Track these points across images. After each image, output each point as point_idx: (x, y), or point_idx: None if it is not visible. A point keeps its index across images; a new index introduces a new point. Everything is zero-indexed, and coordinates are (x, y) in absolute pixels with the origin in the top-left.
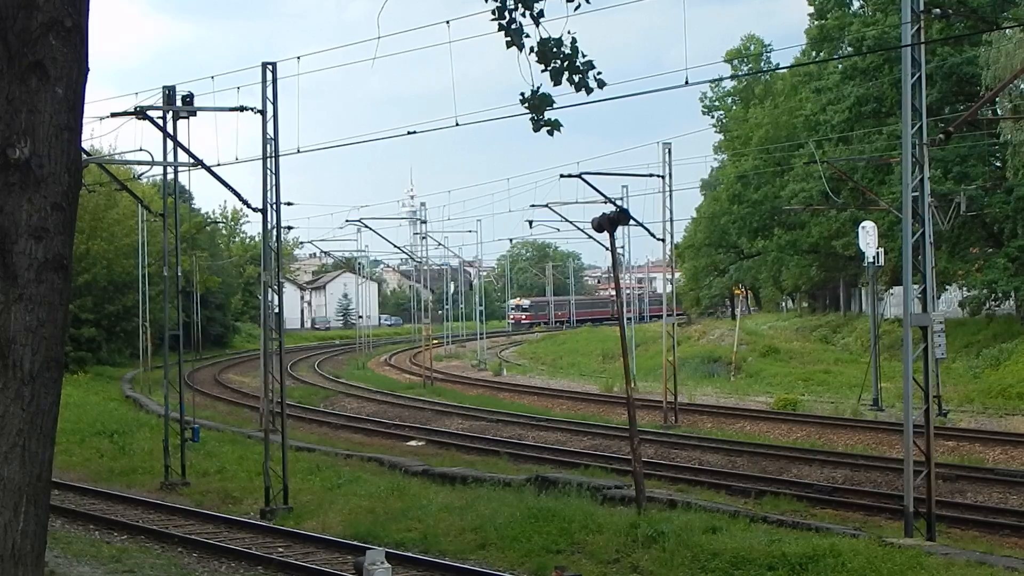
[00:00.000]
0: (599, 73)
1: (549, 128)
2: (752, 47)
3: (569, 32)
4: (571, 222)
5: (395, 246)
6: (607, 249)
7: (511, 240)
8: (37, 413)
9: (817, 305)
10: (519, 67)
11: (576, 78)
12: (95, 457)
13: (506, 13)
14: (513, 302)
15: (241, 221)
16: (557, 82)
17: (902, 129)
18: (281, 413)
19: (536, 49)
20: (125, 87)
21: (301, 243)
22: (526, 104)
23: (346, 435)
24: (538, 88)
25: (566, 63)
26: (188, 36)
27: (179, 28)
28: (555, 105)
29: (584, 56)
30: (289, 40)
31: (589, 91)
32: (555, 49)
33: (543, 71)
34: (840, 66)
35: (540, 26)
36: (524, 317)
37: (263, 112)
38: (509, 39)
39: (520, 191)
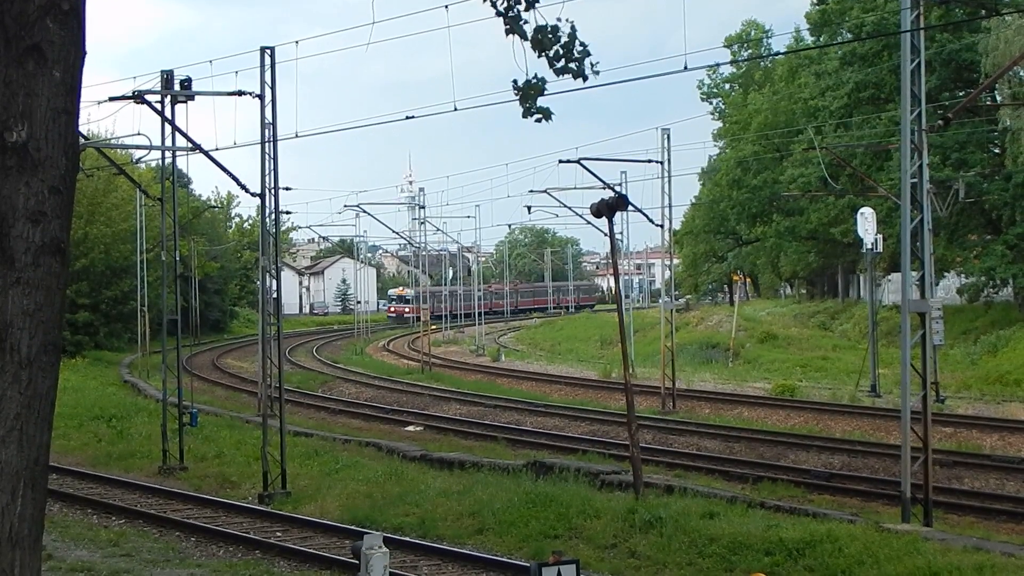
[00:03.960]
0: (596, 63)
1: (539, 116)
2: (752, 32)
3: (568, 20)
4: (570, 208)
5: (393, 231)
6: (606, 235)
7: (510, 226)
8: (35, 397)
9: (815, 291)
10: (514, 54)
11: (573, 66)
12: (93, 441)
13: None
14: (394, 292)
15: (234, 204)
16: (553, 68)
17: (901, 115)
18: (279, 398)
19: (532, 36)
20: (123, 71)
21: (298, 227)
22: (518, 92)
23: (344, 420)
24: (535, 76)
25: (563, 50)
26: (188, 21)
27: (179, 12)
28: (552, 91)
29: (582, 44)
30: (291, 26)
31: (585, 79)
32: (552, 36)
33: (539, 57)
34: (839, 51)
35: (535, 10)
36: (407, 310)
37: (261, 97)
38: (508, 26)
39: (519, 177)
